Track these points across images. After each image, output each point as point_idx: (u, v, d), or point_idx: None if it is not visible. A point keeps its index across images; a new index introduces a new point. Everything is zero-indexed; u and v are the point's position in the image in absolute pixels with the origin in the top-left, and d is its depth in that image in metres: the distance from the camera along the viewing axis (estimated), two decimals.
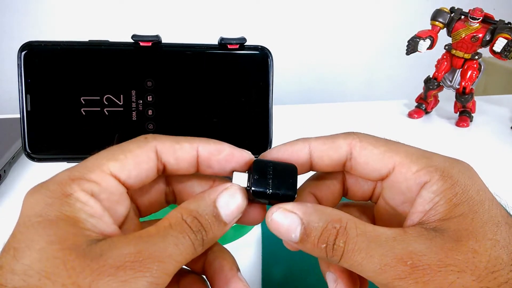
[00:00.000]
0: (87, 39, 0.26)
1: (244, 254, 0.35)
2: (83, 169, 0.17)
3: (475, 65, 0.58)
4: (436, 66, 0.61)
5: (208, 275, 0.19)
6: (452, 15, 0.58)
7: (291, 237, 0.17)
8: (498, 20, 0.55)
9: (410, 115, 0.65)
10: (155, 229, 0.16)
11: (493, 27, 0.55)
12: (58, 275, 0.14)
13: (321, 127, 0.61)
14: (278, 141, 0.23)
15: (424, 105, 0.65)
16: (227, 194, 0.18)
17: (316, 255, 0.17)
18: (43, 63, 0.25)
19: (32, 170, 0.47)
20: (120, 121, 0.26)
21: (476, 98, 0.61)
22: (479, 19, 0.55)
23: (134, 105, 0.26)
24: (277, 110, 0.32)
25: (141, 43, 0.25)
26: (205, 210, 0.17)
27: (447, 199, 0.17)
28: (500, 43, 0.52)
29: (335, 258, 0.16)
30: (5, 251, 0.15)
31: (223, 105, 0.26)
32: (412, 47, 0.57)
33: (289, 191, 0.19)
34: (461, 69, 0.60)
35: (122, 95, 0.25)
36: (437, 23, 0.58)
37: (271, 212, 0.18)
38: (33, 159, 0.25)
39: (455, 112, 0.64)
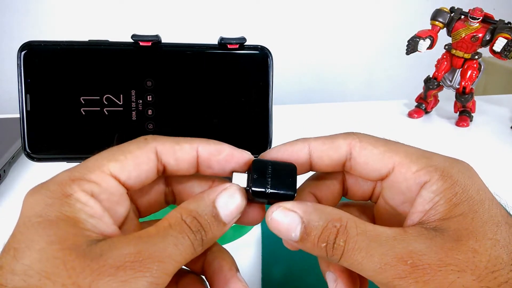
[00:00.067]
0: (87, 39, 0.26)
1: (244, 254, 0.35)
2: (83, 170, 0.17)
3: (475, 65, 0.58)
4: (436, 66, 0.61)
5: (207, 275, 0.19)
6: (452, 15, 0.58)
7: (291, 236, 0.17)
8: (498, 20, 0.55)
9: (410, 115, 0.65)
10: (154, 229, 0.16)
11: (493, 27, 0.55)
12: (58, 275, 0.14)
13: (321, 127, 0.61)
14: (278, 141, 0.23)
15: (424, 105, 0.65)
16: (226, 194, 0.18)
17: (316, 254, 0.17)
18: (43, 63, 0.25)
19: (32, 170, 0.47)
20: (120, 121, 0.26)
21: (476, 98, 0.61)
22: (479, 19, 0.55)
23: (134, 105, 0.26)
24: (277, 110, 0.32)
25: (141, 43, 0.25)
26: (205, 210, 0.17)
27: (447, 198, 0.17)
28: (500, 43, 0.52)
29: (335, 257, 0.16)
30: (5, 251, 0.15)
31: (223, 105, 0.26)
32: (412, 47, 0.57)
33: (288, 190, 0.19)
34: (461, 69, 0.60)
35: (122, 95, 0.25)
36: (437, 23, 0.58)
37: (271, 211, 0.18)
38: (33, 159, 0.25)
39: (455, 112, 0.64)
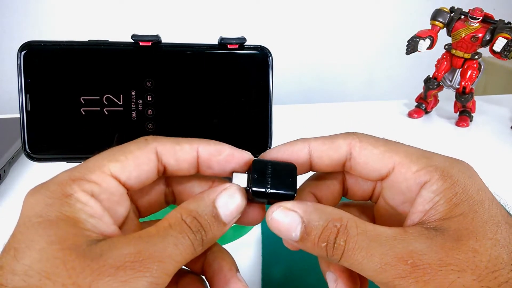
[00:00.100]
0: (87, 39, 0.26)
1: (244, 254, 0.35)
2: (84, 170, 0.17)
3: (475, 65, 0.58)
4: (436, 66, 0.61)
5: (207, 275, 0.19)
6: (452, 15, 0.58)
7: (292, 236, 0.17)
8: (498, 20, 0.55)
9: (410, 115, 0.65)
10: (155, 230, 0.16)
11: (493, 27, 0.55)
12: (58, 275, 0.14)
13: (321, 127, 0.61)
14: (278, 141, 0.23)
15: (424, 105, 0.65)
16: (226, 194, 0.18)
17: (316, 254, 0.17)
18: (43, 63, 0.25)
19: (32, 170, 0.47)
20: (120, 121, 0.26)
21: (476, 98, 0.61)
22: (479, 19, 0.55)
23: (134, 105, 0.26)
24: (277, 110, 0.32)
25: (141, 43, 0.25)
26: (205, 210, 0.17)
27: (447, 198, 0.17)
28: (500, 43, 0.52)
29: (335, 257, 0.16)
30: (6, 251, 0.15)
31: (223, 105, 0.26)
32: (412, 47, 0.57)
33: (288, 190, 0.18)
34: (461, 69, 0.60)
35: (122, 95, 0.25)
36: (437, 23, 0.58)
37: (271, 210, 0.18)
38: (33, 159, 0.25)
39: (455, 112, 0.64)
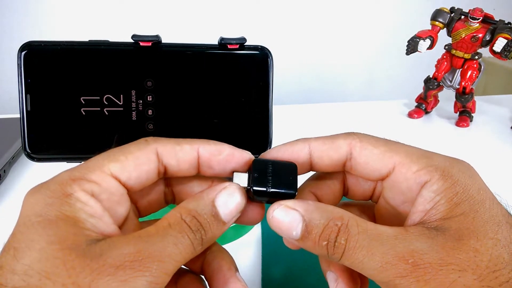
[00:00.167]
0: (87, 39, 0.26)
1: (244, 254, 0.35)
2: (84, 170, 0.17)
3: (475, 65, 0.58)
4: (436, 66, 0.61)
5: (206, 275, 0.19)
6: (452, 15, 0.58)
7: (292, 234, 0.17)
8: (498, 20, 0.55)
9: (410, 115, 0.65)
10: (154, 229, 0.16)
11: (493, 27, 0.55)
12: (58, 275, 0.14)
13: (321, 127, 0.61)
14: (278, 141, 0.23)
15: (424, 105, 0.65)
16: (225, 193, 0.18)
17: (317, 253, 0.17)
18: (43, 63, 0.25)
19: (32, 170, 0.47)
20: (120, 121, 0.26)
21: (476, 98, 0.61)
22: (479, 19, 0.55)
23: (134, 105, 0.26)
24: (277, 110, 0.32)
25: (141, 43, 0.25)
26: (204, 209, 0.17)
27: (447, 198, 0.17)
28: (500, 43, 0.52)
29: (336, 255, 0.16)
30: (5, 251, 0.15)
31: (223, 105, 0.26)
32: (412, 47, 0.57)
33: (289, 189, 0.18)
34: (461, 69, 0.60)
35: (122, 95, 0.25)
36: (437, 23, 0.58)
37: (272, 209, 0.18)
38: (33, 159, 0.25)
39: (455, 112, 0.64)
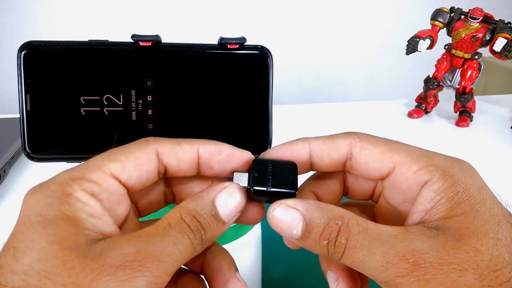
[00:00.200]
0: (87, 39, 0.26)
1: (244, 254, 0.35)
2: (84, 170, 0.17)
3: (475, 65, 0.58)
4: (436, 66, 0.61)
5: (206, 275, 0.19)
6: (452, 15, 0.58)
7: (293, 234, 0.17)
8: (498, 20, 0.55)
9: (410, 115, 0.65)
10: (154, 229, 0.16)
11: (493, 27, 0.55)
12: (58, 275, 0.14)
13: (321, 127, 0.61)
14: (278, 141, 0.23)
15: (424, 104, 0.65)
16: (225, 193, 0.18)
17: (317, 252, 0.17)
18: (43, 63, 0.25)
19: (31, 170, 0.47)
20: (120, 121, 0.26)
21: (476, 98, 0.61)
22: (479, 19, 0.55)
23: (134, 105, 0.26)
24: (277, 110, 0.32)
25: (141, 43, 0.25)
26: (204, 209, 0.17)
27: (448, 197, 0.17)
28: (500, 43, 0.52)
29: (336, 255, 0.16)
30: (5, 251, 0.15)
31: (223, 105, 0.26)
32: (412, 47, 0.57)
33: (289, 189, 0.18)
34: (461, 69, 0.60)
35: (122, 95, 0.25)
36: (437, 23, 0.58)
37: (273, 208, 0.18)
38: (32, 159, 0.25)
39: (455, 111, 0.64)
